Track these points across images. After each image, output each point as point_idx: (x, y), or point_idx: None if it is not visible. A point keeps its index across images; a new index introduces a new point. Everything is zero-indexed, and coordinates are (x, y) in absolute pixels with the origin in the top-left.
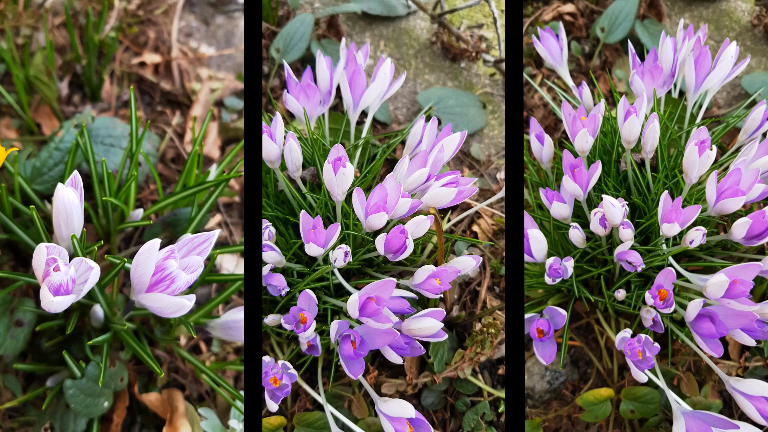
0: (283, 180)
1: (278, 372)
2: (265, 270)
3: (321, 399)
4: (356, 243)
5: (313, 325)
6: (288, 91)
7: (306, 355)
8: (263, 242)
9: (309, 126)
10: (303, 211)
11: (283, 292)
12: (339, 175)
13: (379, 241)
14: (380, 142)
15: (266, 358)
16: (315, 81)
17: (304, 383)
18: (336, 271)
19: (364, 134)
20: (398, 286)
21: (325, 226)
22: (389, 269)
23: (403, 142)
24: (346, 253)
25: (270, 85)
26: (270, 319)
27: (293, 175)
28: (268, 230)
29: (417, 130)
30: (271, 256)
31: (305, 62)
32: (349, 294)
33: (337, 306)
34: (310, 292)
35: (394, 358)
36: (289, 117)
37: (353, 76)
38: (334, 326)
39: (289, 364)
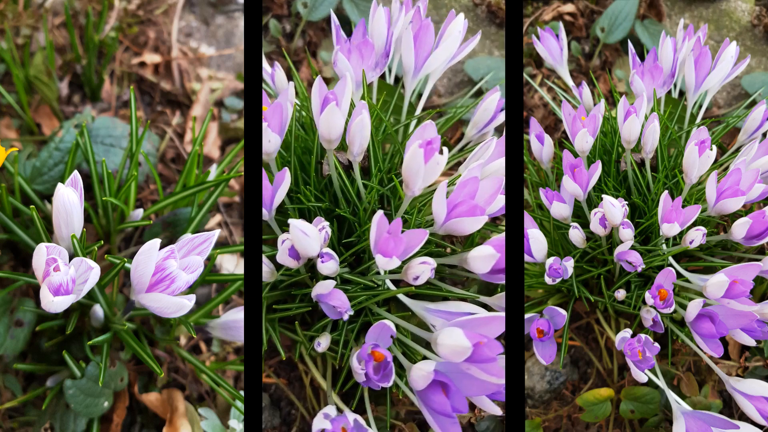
0: (334, 165)
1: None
2: (327, 287)
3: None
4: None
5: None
6: (338, 50)
7: None
8: (323, 251)
9: (368, 94)
10: (380, 212)
11: (346, 316)
12: (431, 164)
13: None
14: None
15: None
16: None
17: None
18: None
19: (420, 109)
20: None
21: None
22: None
23: (463, 121)
24: (432, 270)
25: (293, 46)
26: (323, 346)
27: (355, 158)
28: (325, 231)
29: (757, 115)
30: (329, 267)
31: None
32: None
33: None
34: (389, 323)
35: (746, 341)
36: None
37: (419, 32)
38: (693, 304)
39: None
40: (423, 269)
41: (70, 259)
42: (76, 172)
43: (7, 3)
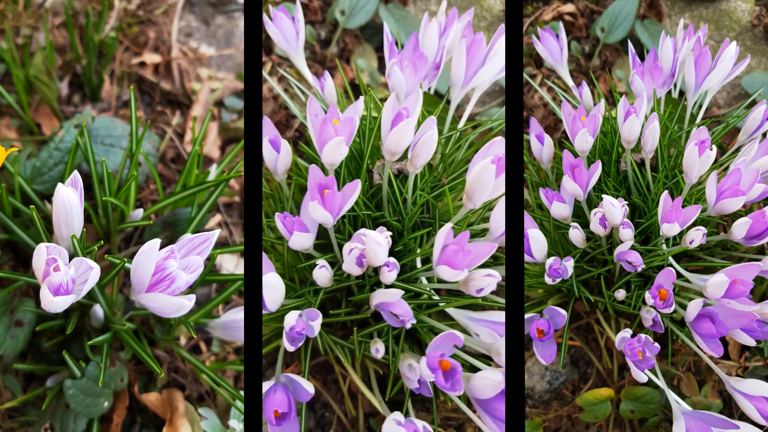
0: (389, 176)
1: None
2: (393, 296)
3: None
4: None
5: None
6: (394, 63)
7: None
8: (389, 260)
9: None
10: (448, 225)
11: (409, 324)
12: (704, 158)
13: (741, 226)
14: None
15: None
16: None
17: None
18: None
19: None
20: None
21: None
22: None
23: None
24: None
25: (328, 52)
26: (381, 352)
27: (416, 170)
28: (387, 240)
29: (757, 115)
30: (393, 275)
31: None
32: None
33: None
34: (458, 333)
35: (746, 341)
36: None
37: (699, 57)
38: (693, 304)
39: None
40: (697, 234)
41: (70, 259)
42: (76, 172)
43: (7, 3)
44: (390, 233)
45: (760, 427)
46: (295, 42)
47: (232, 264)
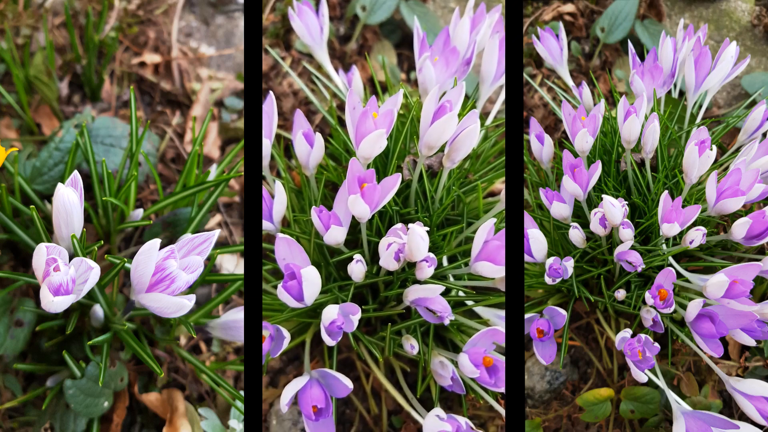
0: (420, 172)
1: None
2: (433, 291)
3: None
4: None
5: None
6: (426, 57)
7: None
8: (428, 255)
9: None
10: (491, 219)
11: (447, 321)
12: (704, 158)
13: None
14: None
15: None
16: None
17: None
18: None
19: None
20: None
21: None
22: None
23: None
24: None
25: (348, 48)
26: (416, 348)
27: (454, 164)
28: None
29: (757, 115)
30: (430, 271)
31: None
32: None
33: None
34: (501, 329)
35: (746, 341)
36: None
37: (699, 57)
38: (693, 304)
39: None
40: (697, 234)
41: (70, 259)
42: (76, 172)
43: (7, 3)
44: (427, 228)
45: (760, 427)
46: (319, 37)
47: (232, 264)
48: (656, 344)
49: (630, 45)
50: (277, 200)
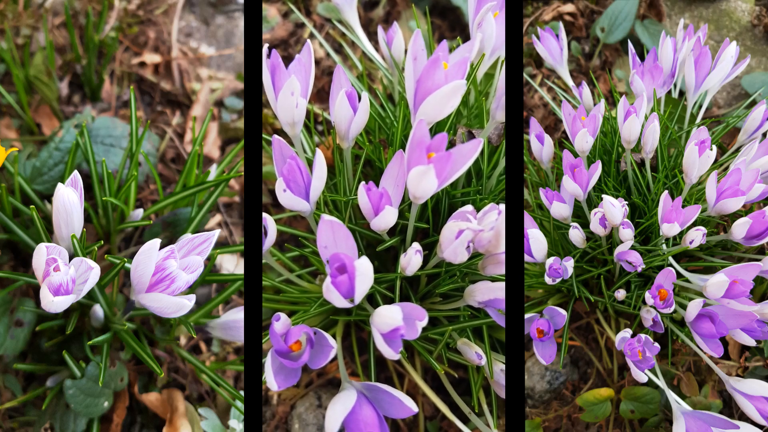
0: None
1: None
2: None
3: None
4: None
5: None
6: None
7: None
8: (623, 221)
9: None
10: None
11: (639, 269)
12: (704, 158)
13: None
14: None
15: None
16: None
17: None
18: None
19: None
20: None
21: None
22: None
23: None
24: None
25: (592, 64)
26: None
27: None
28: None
29: (757, 115)
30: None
31: None
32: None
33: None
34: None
35: (746, 341)
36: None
37: (699, 57)
38: (693, 304)
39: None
40: (697, 234)
41: (70, 259)
42: (76, 172)
43: (7, 3)
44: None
45: (760, 427)
46: (559, 57)
47: (232, 264)
48: (656, 344)
49: (630, 45)
50: (317, 174)
